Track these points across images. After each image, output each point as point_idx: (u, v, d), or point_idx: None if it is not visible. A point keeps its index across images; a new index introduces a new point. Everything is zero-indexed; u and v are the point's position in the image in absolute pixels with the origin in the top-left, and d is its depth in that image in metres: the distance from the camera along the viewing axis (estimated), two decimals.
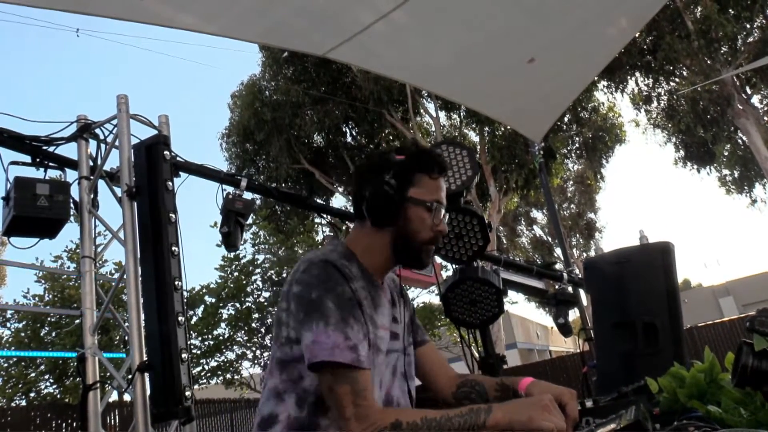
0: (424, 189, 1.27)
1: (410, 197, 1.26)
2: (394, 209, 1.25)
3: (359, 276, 1.24)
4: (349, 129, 15.61)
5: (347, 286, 1.17)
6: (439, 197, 1.29)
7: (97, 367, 2.94)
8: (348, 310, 1.15)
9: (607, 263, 2.21)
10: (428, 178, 1.28)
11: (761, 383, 1.12)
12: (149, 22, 2.15)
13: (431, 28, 2.68)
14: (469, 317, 3.02)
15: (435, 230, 1.28)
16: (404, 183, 1.26)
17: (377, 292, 1.28)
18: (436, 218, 1.28)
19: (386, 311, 1.29)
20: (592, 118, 15.26)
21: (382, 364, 1.24)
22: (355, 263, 1.26)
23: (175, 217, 2.85)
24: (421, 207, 1.26)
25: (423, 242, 1.28)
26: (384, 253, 1.29)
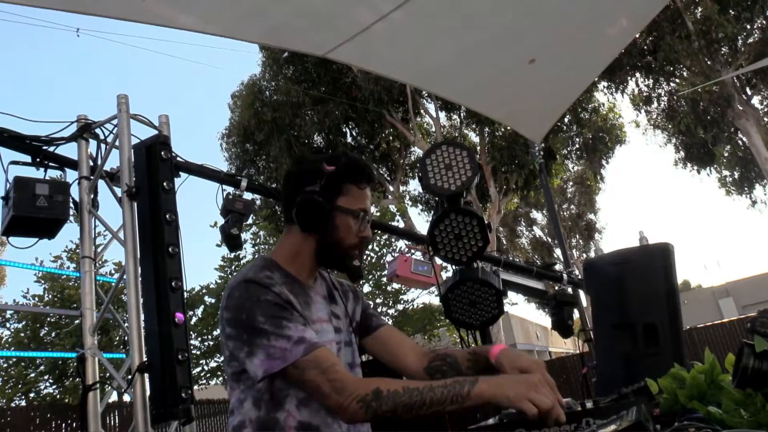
0: (352, 198, 1.35)
1: (338, 206, 1.33)
2: (322, 217, 1.32)
3: (281, 282, 1.28)
4: (349, 129, 15.61)
5: (270, 292, 1.21)
6: (366, 206, 1.37)
7: (96, 368, 2.94)
8: (276, 314, 1.19)
9: (607, 264, 2.21)
10: (356, 188, 1.36)
11: (762, 384, 1.12)
12: (150, 22, 2.15)
13: (431, 28, 2.68)
14: (468, 318, 3.02)
15: (360, 236, 1.36)
16: (333, 192, 1.33)
17: (305, 292, 1.34)
18: (362, 226, 1.36)
19: (321, 307, 1.36)
20: (592, 119, 15.25)
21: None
22: (277, 271, 1.32)
23: (175, 217, 2.85)
24: (348, 215, 1.34)
25: (348, 248, 1.36)
26: (310, 257, 1.37)
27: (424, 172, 2.91)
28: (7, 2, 1.83)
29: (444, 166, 2.87)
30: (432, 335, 14.54)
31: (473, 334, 3.16)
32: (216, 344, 15.65)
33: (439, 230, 2.87)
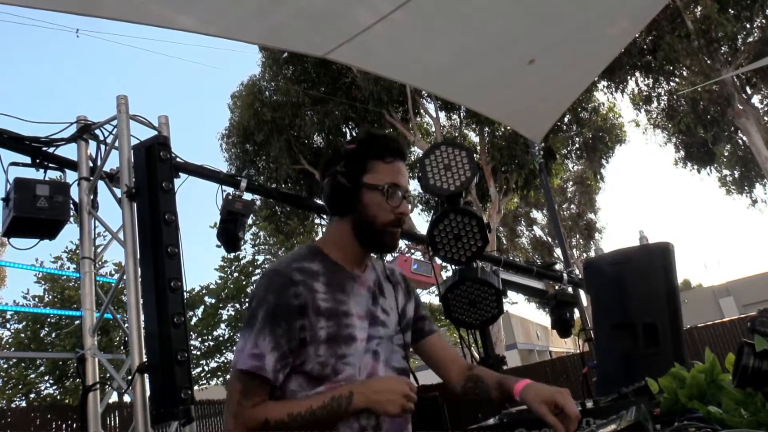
0: (379, 174, 1.30)
1: (364, 183, 1.29)
2: (348, 198, 1.29)
3: (322, 271, 1.28)
4: (349, 129, 15.60)
5: (289, 292, 1.21)
6: (395, 180, 1.31)
7: (97, 368, 2.94)
8: (270, 321, 1.20)
9: (607, 264, 2.21)
10: (382, 163, 1.31)
11: (762, 384, 1.12)
12: (149, 23, 2.15)
13: (431, 29, 2.68)
14: (468, 318, 3.02)
15: (395, 212, 1.31)
16: (357, 171, 1.30)
17: (349, 283, 1.31)
18: (393, 200, 1.30)
19: (362, 301, 1.32)
20: (592, 119, 15.24)
21: (363, 349, 1.27)
22: (319, 259, 1.30)
23: (174, 217, 2.85)
24: (375, 191, 1.29)
25: (383, 225, 1.30)
26: (351, 242, 1.33)
27: (423, 172, 2.90)
28: (7, 3, 1.84)
29: (443, 166, 2.87)
30: None
31: (473, 334, 3.16)
32: (216, 345, 15.65)
33: (439, 230, 2.87)
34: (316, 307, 1.22)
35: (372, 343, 1.30)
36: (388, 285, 1.42)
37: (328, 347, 1.22)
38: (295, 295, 1.21)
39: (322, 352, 1.22)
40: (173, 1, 2.13)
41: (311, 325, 1.21)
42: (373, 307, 1.34)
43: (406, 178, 1.34)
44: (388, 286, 1.42)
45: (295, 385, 1.23)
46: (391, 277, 1.46)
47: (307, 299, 1.22)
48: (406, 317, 1.43)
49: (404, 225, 1.39)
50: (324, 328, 1.22)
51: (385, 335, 1.34)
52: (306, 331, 1.21)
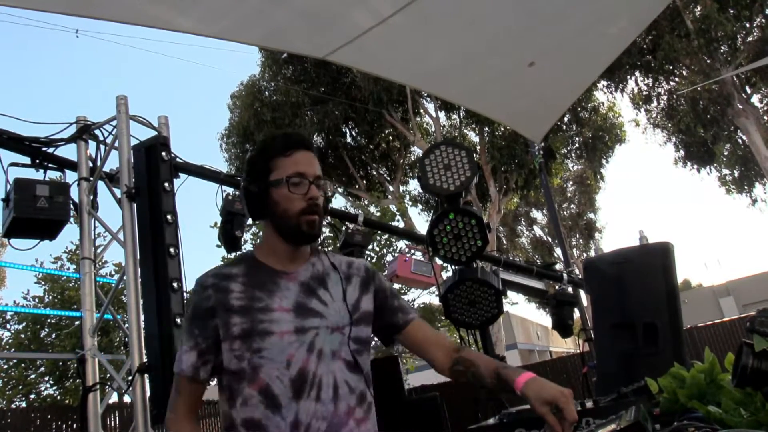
0: (281, 169, 1.36)
1: (271, 181, 1.36)
2: (260, 201, 1.37)
3: (242, 273, 1.36)
4: (348, 129, 15.60)
5: (201, 296, 1.33)
6: (297, 169, 1.36)
7: (97, 369, 2.94)
8: (189, 325, 1.34)
9: (607, 263, 2.21)
10: (283, 158, 1.36)
11: (761, 384, 1.12)
12: (149, 25, 2.15)
13: (432, 31, 2.68)
14: (468, 318, 3.02)
15: (305, 199, 1.34)
16: (262, 174, 1.37)
17: (273, 280, 1.36)
18: (299, 188, 1.34)
19: (290, 294, 1.35)
20: (591, 118, 15.24)
21: (286, 343, 1.29)
22: (244, 263, 1.39)
23: (174, 218, 2.85)
24: (281, 186, 1.35)
25: (296, 215, 1.35)
26: (277, 242, 1.39)
27: (423, 172, 2.91)
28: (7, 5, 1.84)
29: (443, 166, 2.87)
30: None
31: (473, 334, 3.16)
32: None
33: (439, 230, 2.87)
34: (229, 306, 1.30)
35: (305, 335, 1.31)
36: (336, 276, 1.43)
37: (243, 342, 1.28)
38: (206, 298, 1.32)
39: (237, 347, 1.29)
40: (173, 3, 2.13)
41: (224, 323, 1.29)
42: (305, 299, 1.35)
43: (313, 166, 1.38)
44: (336, 277, 1.42)
45: (225, 381, 1.33)
46: (347, 269, 1.47)
47: (218, 300, 1.31)
48: (359, 310, 1.42)
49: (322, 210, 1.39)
50: (237, 325, 1.29)
51: (323, 326, 1.34)
52: (219, 329, 1.30)
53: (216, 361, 1.33)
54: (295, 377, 1.27)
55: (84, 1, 2.01)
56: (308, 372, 1.29)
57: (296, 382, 1.27)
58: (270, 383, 1.27)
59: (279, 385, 1.26)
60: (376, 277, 1.51)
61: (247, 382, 1.28)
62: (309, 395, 1.28)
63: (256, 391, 1.27)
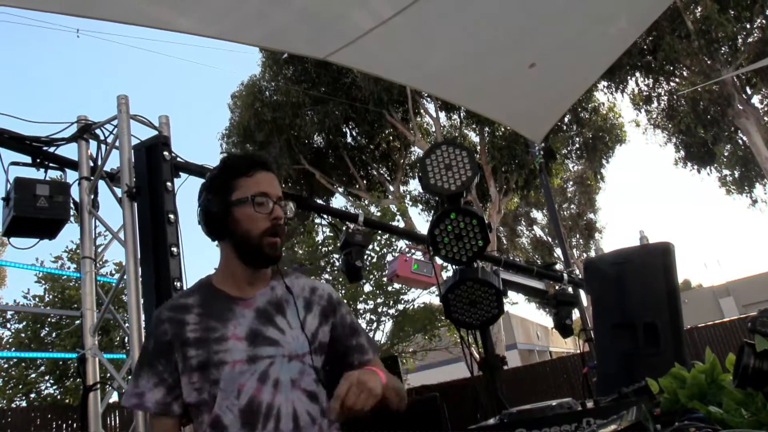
0: (244, 188, 1.33)
1: (231, 201, 1.32)
2: (220, 220, 1.33)
3: (198, 303, 1.33)
4: (349, 129, 15.61)
5: (159, 330, 1.31)
6: (262, 189, 1.33)
7: (97, 368, 2.94)
8: (146, 361, 1.32)
9: (607, 264, 2.21)
10: (245, 178, 1.34)
11: (763, 384, 1.12)
12: (149, 25, 2.15)
13: (432, 32, 2.68)
14: (469, 318, 3.02)
15: (270, 219, 1.32)
16: (224, 192, 1.33)
17: (228, 307, 1.32)
18: (263, 208, 1.32)
19: (244, 322, 1.30)
20: (592, 119, 15.24)
21: (238, 372, 1.25)
22: (200, 292, 1.36)
23: (175, 217, 2.85)
24: (244, 205, 1.31)
25: (259, 235, 1.31)
26: (235, 264, 1.35)
27: (423, 172, 2.91)
28: (8, 5, 1.84)
29: (444, 166, 2.87)
30: (432, 335, 14.55)
31: (473, 334, 3.16)
32: None
33: (439, 230, 2.87)
34: (184, 339, 1.28)
35: (259, 364, 1.26)
36: (293, 305, 1.35)
37: (201, 374, 1.26)
38: (164, 332, 1.30)
39: (195, 379, 1.26)
40: (174, 3, 2.13)
41: (183, 357, 1.27)
42: (260, 327, 1.30)
43: (275, 187, 1.36)
44: (293, 306, 1.35)
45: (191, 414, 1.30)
46: (309, 295, 1.40)
47: (174, 334, 1.29)
48: (317, 340, 1.35)
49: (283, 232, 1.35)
50: (194, 357, 1.26)
51: (279, 354, 1.28)
52: (179, 362, 1.28)
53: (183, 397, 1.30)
54: (244, 408, 1.23)
55: (85, 2, 2.01)
56: (260, 402, 1.24)
57: (245, 413, 1.23)
58: (220, 414, 1.24)
59: (229, 416, 1.23)
60: (338, 310, 1.43)
61: (206, 414, 1.26)
62: (266, 426, 1.23)
63: (209, 422, 1.25)
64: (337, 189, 16.13)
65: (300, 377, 1.30)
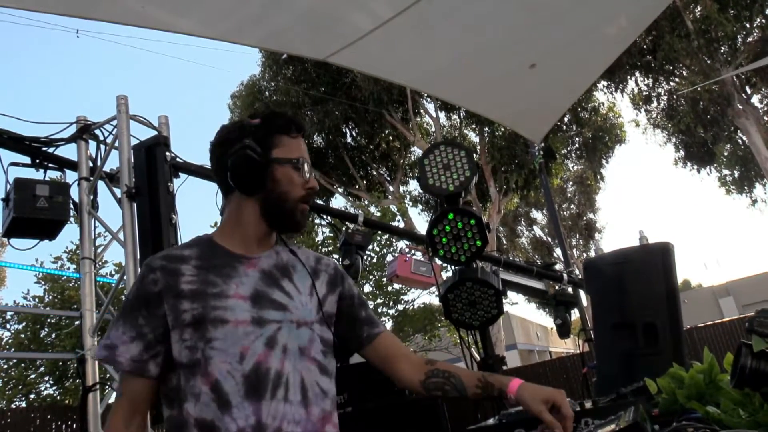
0: (287, 148, 1.26)
1: (275, 158, 1.24)
2: (259, 172, 1.22)
3: (196, 255, 1.22)
4: (349, 129, 15.60)
5: (147, 279, 1.18)
6: (303, 154, 1.28)
7: (97, 369, 2.94)
8: (125, 311, 1.19)
9: (607, 264, 2.22)
10: (288, 137, 1.27)
11: (760, 384, 1.12)
12: (150, 26, 2.15)
13: (432, 33, 2.68)
14: (468, 318, 3.02)
15: (306, 187, 1.26)
16: (266, 145, 1.24)
17: (230, 264, 1.22)
18: (304, 175, 1.26)
19: (248, 281, 1.21)
20: (592, 119, 15.24)
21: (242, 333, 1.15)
22: (200, 246, 1.25)
23: (175, 217, 2.85)
24: (287, 166, 1.24)
25: (295, 201, 1.25)
26: (255, 222, 1.26)
27: (422, 172, 2.91)
28: (8, 6, 1.84)
29: (443, 166, 2.87)
30: (432, 335, 14.55)
31: (473, 335, 3.16)
32: None
33: (438, 230, 2.87)
34: (178, 291, 1.16)
35: (266, 327, 1.17)
36: (303, 270, 1.29)
37: (194, 330, 1.14)
38: (153, 281, 1.17)
39: (188, 336, 1.14)
40: (174, 5, 2.13)
41: (174, 310, 1.15)
42: (266, 288, 1.21)
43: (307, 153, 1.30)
44: (302, 271, 1.29)
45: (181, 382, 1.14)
46: (314, 264, 1.34)
47: (166, 283, 1.17)
48: (324, 309, 1.29)
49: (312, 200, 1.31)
50: (188, 311, 1.15)
51: (287, 320, 1.20)
52: (168, 316, 1.15)
53: (165, 356, 1.16)
54: (250, 373, 1.12)
55: (85, 2, 2.02)
56: (268, 368, 1.14)
57: (251, 379, 1.12)
58: (220, 379, 1.11)
59: (230, 382, 1.11)
60: (345, 280, 1.38)
61: (199, 377, 1.12)
62: (274, 395, 1.12)
63: (208, 387, 1.11)
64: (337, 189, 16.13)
65: (309, 345, 1.21)
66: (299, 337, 1.20)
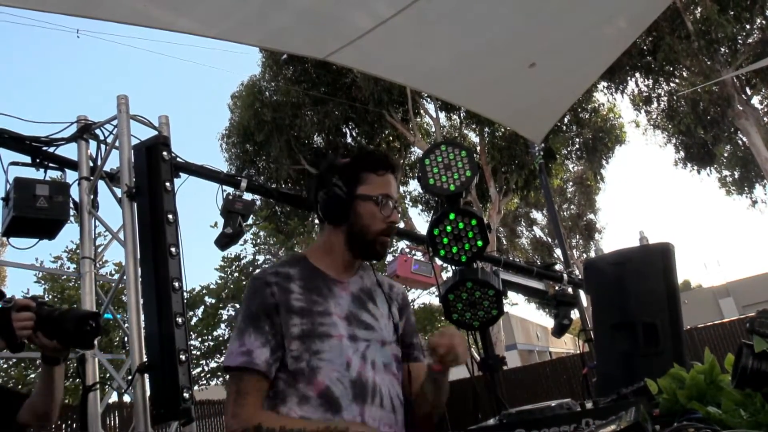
0: (372, 185, 1.40)
1: (358, 194, 1.39)
2: (343, 207, 1.38)
3: (299, 275, 1.37)
4: (349, 130, 15.60)
5: (266, 292, 1.32)
6: (387, 191, 1.41)
7: (97, 369, 2.94)
8: (252, 320, 1.30)
9: (607, 264, 2.21)
10: (375, 176, 1.40)
11: (761, 385, 1.12)
12: (150, 25, 2.15)
13: (432, 32, 2.68)
14: (469, 319, 3.02)
15: (387, 222, 1.40)
16: (352, 182, 1.39)
17: (328, 286, 1.38)
18: (386, 210, 1.39)
19: (344, 303, 1.37)
20: (592, 119, 15.25)
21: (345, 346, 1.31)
22: (300, 266, 1.40)
23: (175, 217, 2.85)
24: (369, 202, 1.38)
25: (376, 234, 1.39)
26: (341, 250, 1.41)
27: (423, 173, 2.90)
28: (8, 5, 1.84)
29: (443, 166, 2.87)
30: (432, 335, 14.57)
31: (473, 335, 3.16)
32: (216, 345, 15.63)
33: (439, 230, 2.87)
34: (290, 306, 1.31)
35: (359, 344, 1.34)
36: (382, 296, 1.47)
37: (302, 343, 1.28)
38: (272, 294, 1.31)
39: (295, 347, 1.28)
40: (174, 4, 2.13)
41: (285, 322, 1.29)
42: (356, 310, 1.38)
43: (396, 190, 1.43)
44: (382, 296, 1.47)
45: (281, 385, 1.29)
46: (389, 290, 1.51)
47: (281, 298, 1.31)
48: (399, 327, 1.47)
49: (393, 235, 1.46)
50: (297, 326, 1.29)
51: (374, 339, 1.37)
52: (282, 327, 1.29)
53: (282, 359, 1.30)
54: (356, 379, 1.29)
55: (85, 2, 2.02)
56: (367, 378, 1.31)
57: (357, 385, 1.29)
58: (330, 385, 1.27)
59: (339, 387, 1.27)
60: (409, 308, 1.56)
61: (304, 383, 1.27)
62: (374, 401, 1.30)
63: (315, 393, 1.26)
64: None
65: (390, 362, 1.39)
66: (384, 355, 1.38)
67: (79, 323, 1.55)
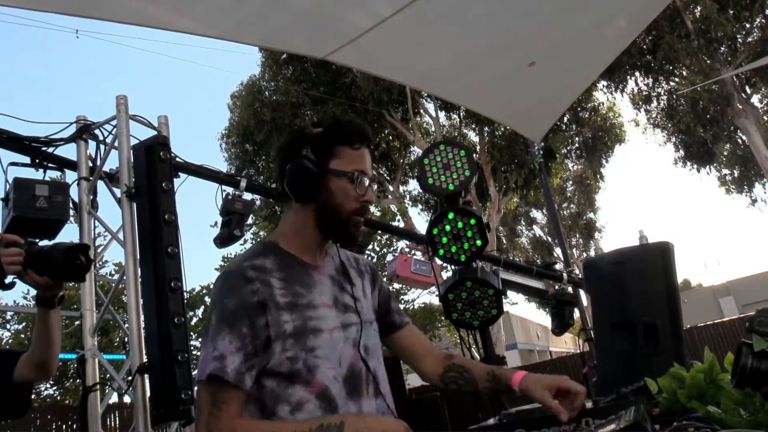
0: (345, 160, 1.25)
1: (331, 169, 1.23)
2: (314, 182, 1.23)
3: (276, 266, 1.22)
4: None
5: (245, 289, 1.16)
6: (363, 167, 1.26)
7: (97, 369, 2.94)
8: (227, 321, 1.14)
9: (607, 263, 2.21)
10: (349, 149, 1.26)
11: (761, 384, 1.12)
12: (150, 25, 2.15)
13: (431, 32, 2.68)
14: (468, 318, 3.02)
15: (360, 200, 1.26)
16: (324, 156, 1.24)
17: (308, 273, 1.26)
18: (360, 188, 1.25)
19: (326, 289, 1.26)
20: (591, 118, 15.25)
21: (337, 339, 1.21)
22: (273, 254, 1.25)
23: (174, 217, 2.85)
24: (342, 178, 1.24)
25: (349, 214, 1.25)
26: (311, 231, 1.27)
27: (422, 172, 2.91)
28: (8, 5, 1.84)
29: (442, 165, 2.88)
30: (432, 335, 14.56)
31: (473, 334, 3.16)
32: None
33: (438, 230, 2.87)
34: (276, 302, 1.17)
35: (350, 330, 1.25)
36: (354, 272, 1.37)
37: (296, 341, 1.16)
38: (252, 292, 1.16)
39: (290, 347, 1.15)
40: (174, 4, 2.13)
41: (275, 321, 1.16)
42: (338, 294, 1.28)
43: (370, 166, 1.30)
44: (354, 272, 1.37)
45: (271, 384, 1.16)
46: (357, 264, 1.41)
47: (266, 295, 1.17)
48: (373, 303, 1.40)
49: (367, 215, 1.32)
50: (289, 322, 1.17)
51: (360, 321, 1.28)
52: (270, 327, 1.15)
53: (260, 366, 1.15)
54: (347, 375, 1.21)
55: (85, 2, 2.02)
56: (360, 368, 1.23)
57: (348, 381, 1.20)
58: (328, 385, 1.17)
59: (335, 386, 1.18)
60: (379, 276, 1.46)
61: (302, 385, 1.15)
62: (367, 392, 1.23)
63: (314, 395, 1.15)
64: None
65: (377, 343, 1.32)
66: (372, 336, 1.31)
67: (68, 255, 1.50)
